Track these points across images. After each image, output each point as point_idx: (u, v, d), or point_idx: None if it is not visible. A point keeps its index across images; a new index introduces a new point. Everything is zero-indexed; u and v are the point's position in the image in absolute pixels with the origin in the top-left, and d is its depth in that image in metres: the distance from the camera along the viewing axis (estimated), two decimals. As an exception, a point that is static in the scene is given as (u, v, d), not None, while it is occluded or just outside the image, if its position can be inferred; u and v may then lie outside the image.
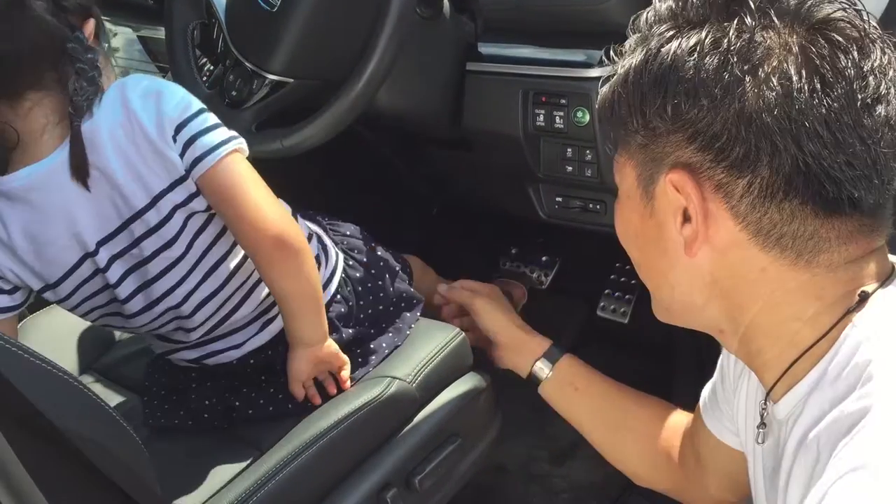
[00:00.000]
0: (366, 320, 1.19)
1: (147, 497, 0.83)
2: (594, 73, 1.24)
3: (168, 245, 1.03)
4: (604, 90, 0.71)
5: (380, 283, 1.22)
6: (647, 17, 0.68)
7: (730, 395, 0.89)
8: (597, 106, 0.74)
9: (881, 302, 0.65)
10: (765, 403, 0.76)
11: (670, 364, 1.48)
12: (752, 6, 0.63)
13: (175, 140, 0.99)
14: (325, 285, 1.15)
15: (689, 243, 0.67)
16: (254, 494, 0.97)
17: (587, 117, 1.25)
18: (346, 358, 1.12)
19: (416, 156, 1.63)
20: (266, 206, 1.02)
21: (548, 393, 1.19)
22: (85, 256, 1.02)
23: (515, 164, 1.39)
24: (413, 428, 1.12)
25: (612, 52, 0.72)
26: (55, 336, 1.31)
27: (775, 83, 0.61)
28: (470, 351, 1.23)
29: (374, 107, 1.24)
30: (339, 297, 1.17)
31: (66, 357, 1.29)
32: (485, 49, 1.37)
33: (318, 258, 1.15)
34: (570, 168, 1.33)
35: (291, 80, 1.22)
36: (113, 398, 1.20)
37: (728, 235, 0.66)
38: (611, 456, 1.14)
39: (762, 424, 0.77)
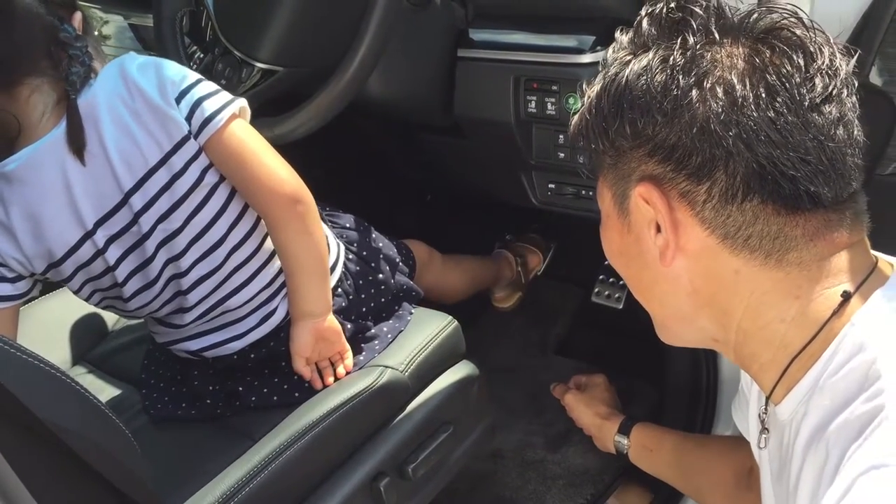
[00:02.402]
0: (368, 313, 1.19)
1: (137, 490, 0.83)
2: (586, 58, 1.23)
3: (166, 216, 1.03)
4: (574, 120, 0.76)
5: (380, 276, 1.22)
6: (611, 50, 0.73)
7: (747, 396, 0.91)
8: (570, 135, 0.77)
9: (879, 300, 0.66)
10: (765, 409, 0.78)
11: (664, 350, 1.48)
12: (695, 26, 0.67)
13: (179, 103, 1.01)
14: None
15: (662, 253, 0.70)
16: (247, 484, 0.97)
17: (579, 104, 1.24)
18: (346, 345, 1.13)
19: (409, 143, 1.62)
20: (278, 165, 1.04)
21: (633, 459, 1.30)
22: (85, 237, 1.02)
23: (507, 151, 1.38)
24: (406, 417, 1.12)
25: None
26: (48, 326, 1.31)
27: (720, 93, 0.65)
28: (463, 339, 1.23)
29: (364, 94, 1.23)
30: (339, 290, 1.17)
31: (58, 347, 1.29)
32: (476, 35, 1.36)
33: None
34: (562, 154, 1.32)
35: (281, 69, 1.21)
36: (105, 389, 1.20)
37: (698, 242, 0.69)
38: (694, 497, 1.24)
39: (763, 430, 0.79)
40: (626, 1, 1.23)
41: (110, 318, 1.36)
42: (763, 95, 0.64)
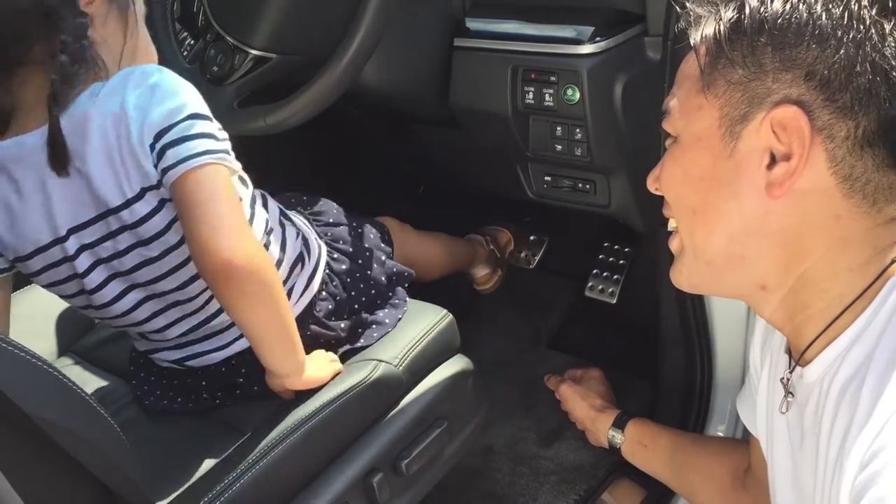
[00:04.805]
0: (361, 308, 1.17)
1: (125, 486, 0.81)
2: (585, 49, 1.22)
3: (144, 243, 0.98)
4: (711, 27, 0.70)
5: (368, 271, 1.20)
6: None
7: (756, 383, 0.91)
8: (699, 37, 0.72)
9: None
10: (790, 373, 0.77)
11: (657, 344, 1.47)
12: None
13: (152, 149, 0.93)
14: (307, 285, 1.12)
15: (778, 184, 0.68)
16: (237, 480, 0.95)
17: (577, 95, 1.23)
18: (328, 376, 1.08)
19: (403, 134, 1.60)
20: (222, 229, 0.91)
21: (626, 454, 1.31)
22: (56, 241, 0.98)
23: (504, 143, 1.37)
24: (399, 412, 1.11)
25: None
26: (34, 316, 1.28)
27: (891, 39, 0.64)
28: (457, 333, 1.22)
29: (359, 84, 1.21)
30: (323, 293, 1.14)
31: (45, 338, 1.27)
32: (473, 24, 1.34)
33: (300, 256, 1.12)
34: (559, 147, 1.31)
35: (274, 56, 1.19)
36: (93, 381, 1.18)
37: (816, 179, 0.68)
38: (687, 496, 1.24)
39: (788, 393, 0.78)
40: (626, -9, 1.22)
41: (97, 308, 1.34)
42: None
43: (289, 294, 1.08)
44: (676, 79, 0.77)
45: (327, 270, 1.16)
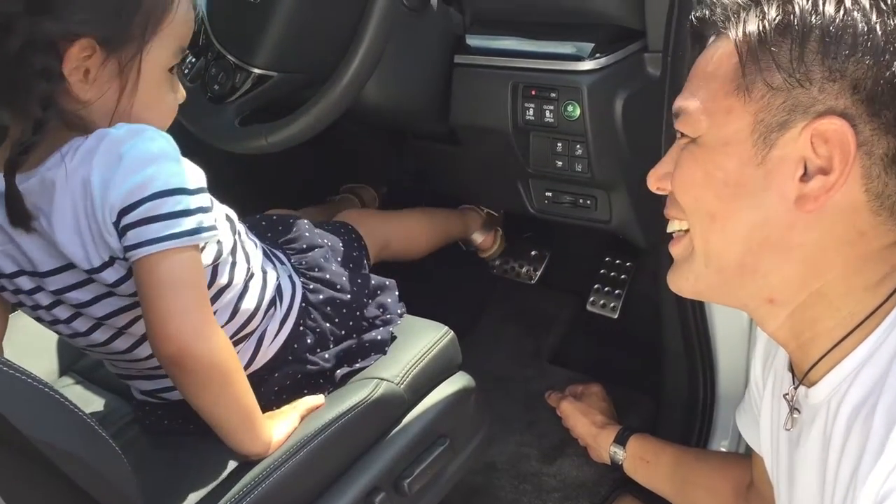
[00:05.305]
0: (350, 334, 1.15)
1: (126, 509, 0.80)
2: (585, 66, 1.22)
3: (112, 315, 0.95)
4: (754, 25, 0.66)
5: (348, 295, 1.16)
6: None
7: (758, 400, 0.90)
8: (738, 34, 0.67)
9: None
10: (794, 389, 0.76)
11: (659, 358, 1.47)
12: None
13: (115, 226, 0.87)
14: (279, 328, 1.08)
15: (813, 197, 0.66)
16: (239, 501, 0.94)
17: (577, 111, 1.23)
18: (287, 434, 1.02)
19: (404, 150, 1.60)
20: (176, 318, 0.87)
21: (628, 470, 1.30)
22: (19, 272, 0.94)
23: (504, 159, 1.37)
24: (401, 430, 1.10)
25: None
26: (34, 337, 1.27)
27: None
28: (458, 350, 1.21)
29: (360, 100, 1.22)
30: (301, 328, 1.10)
31: (45, 359, 1.26)
32: (473, 41, 1.35)
33: (273, 301, 1.07)
34: (560, 163, 1.31)
35: (275, 74, 1.19)
36: (93, 401, 1.18)
37: (850, 195, 0.65)
38: None
39: (793, 409, 0.76)
40: (626, 8, 1.22)
41: (98, 326, 1.33)
42: None
43: (260, 338, 1.06)
44: (694, 76, 0.73)
45: (303, 304, 1.12)
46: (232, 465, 1.00)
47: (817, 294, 0.69)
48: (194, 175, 0.91)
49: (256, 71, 1.18)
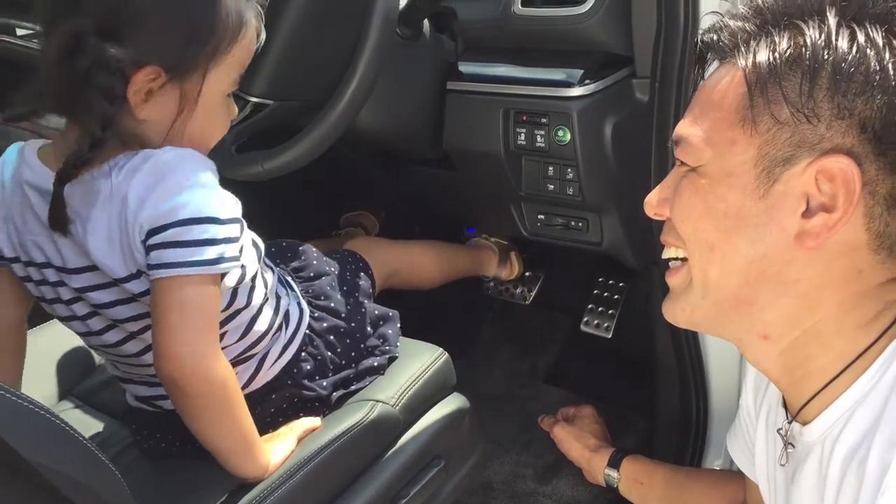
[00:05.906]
0: (349, 364, 1.16)
1: (126, 532, 0.81)
2: (575, 91, 1.25)
3: (132, 300, 0.97)
4: (764, 56, 0.65)
5: (352, 324, 1.18)
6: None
7: (751, 429, 0.90)
8: (747, 64, 0.65)
9: None
10: (788, 425, 0.75)
11: (652, 378, 1.48)
12: None
13: (143, 244, 0.90)
14: (282, 351, 1.09)
15: (814, 234, 0.65)
16: (236, 524, 0.95)
17: (568, 136, 1.25)
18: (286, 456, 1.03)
19: (398, 175, 1.62)
20: (179, 341, 0.89)
21: (623, 492, 1.30)
22: (48, 264, 0.97)
23: (497, 183, 1.39)
24: (396, 451, 1.11)
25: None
26: (34, 361, 1.27)
27: None
28: (453, 371, 1.22)
29: (355, 127, 1.23)
30: (303, 354, 1.12)
31: (45, 382, 1.27)
32: (465, 68, 1.37)
33: (280, 326, 1.09)
34: (551, 186, 1.33)
35: (272, 102, 1.21)
36: (93, 425, 1.19)
37: (851, 233, 0.65)
38: None
39: (787, 444, 0.76)
40: (614, 35, 1.24)
41: (97, 351, 1.34)
42: None
43: (262, 360, 1.07)
44: (697, 103, 0.72)
45: (307, 331, 1.13)
46: (230, 487, 1.01)
47: (811, 331, 0.69)
48: (228, 205, 0.93)
49: (253, 99, 1.20)
